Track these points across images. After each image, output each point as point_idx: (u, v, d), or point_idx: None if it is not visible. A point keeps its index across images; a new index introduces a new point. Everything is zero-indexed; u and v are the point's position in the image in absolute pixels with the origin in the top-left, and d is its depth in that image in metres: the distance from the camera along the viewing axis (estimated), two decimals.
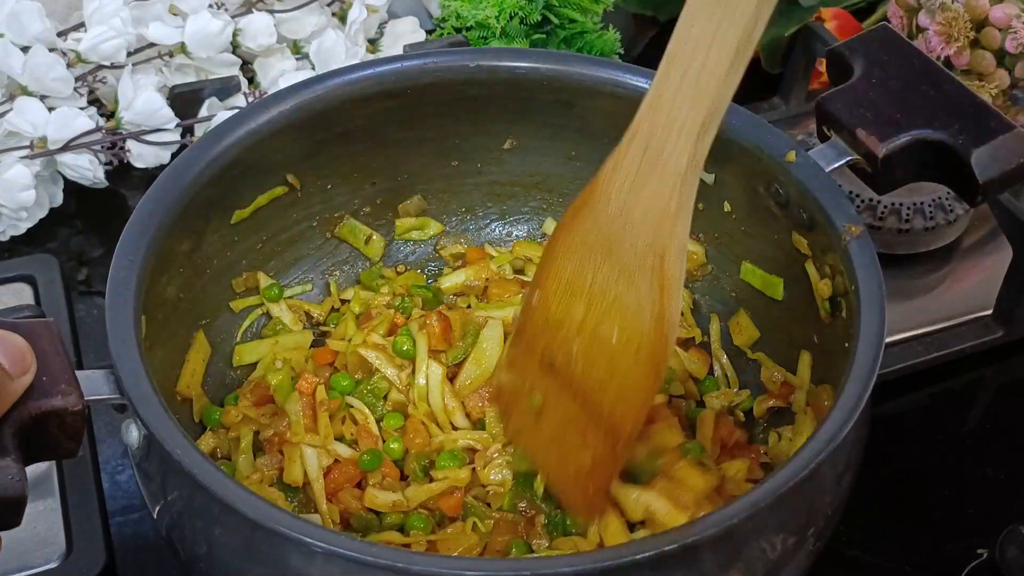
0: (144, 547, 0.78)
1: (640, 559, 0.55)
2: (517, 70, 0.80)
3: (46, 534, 0.73)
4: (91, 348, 0.86)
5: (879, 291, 0.66)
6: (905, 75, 0.73)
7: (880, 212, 0.93)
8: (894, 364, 0.88)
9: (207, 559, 0.60)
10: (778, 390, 0.77)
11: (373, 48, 1.10)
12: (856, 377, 0.62)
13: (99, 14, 0.98)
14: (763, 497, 0.57)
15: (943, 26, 0.95)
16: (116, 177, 1.01)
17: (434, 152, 0.85)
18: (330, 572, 0.56)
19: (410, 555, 0.57)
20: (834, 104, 0.73)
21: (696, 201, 0.81)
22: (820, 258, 0.73)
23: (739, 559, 0.58)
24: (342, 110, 0.79)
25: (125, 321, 0.63)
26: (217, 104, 1.01)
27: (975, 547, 0.79)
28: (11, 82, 0.97)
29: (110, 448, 0.83)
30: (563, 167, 0.86)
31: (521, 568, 0.55)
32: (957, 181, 0.71)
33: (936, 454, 0.86)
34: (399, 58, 0.82)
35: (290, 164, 0.80)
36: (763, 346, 0.81)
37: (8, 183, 0.93)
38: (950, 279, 0.96)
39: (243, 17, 1.03)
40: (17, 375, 0.54)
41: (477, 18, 1.08)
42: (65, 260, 0.95)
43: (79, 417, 0.57)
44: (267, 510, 0.56)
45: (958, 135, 0.70)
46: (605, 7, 1.11)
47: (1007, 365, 0.92)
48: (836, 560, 0.78)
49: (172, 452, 0.58)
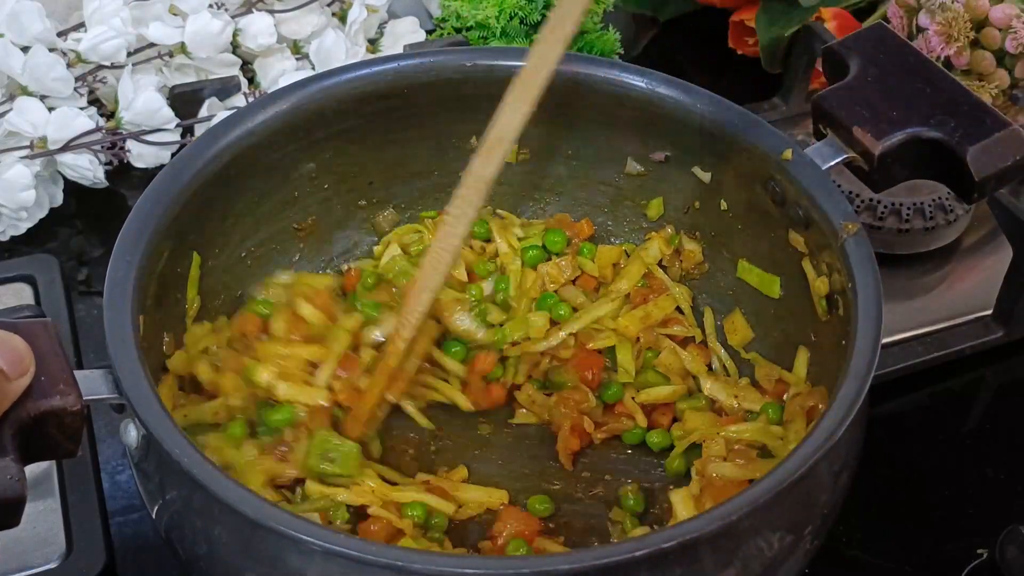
0: (144, 547, 0.78)
1: (639, 556, 0.55)
2: (516, 70, 0.80)
3: (46, 534, 0.73)
4: (91, 348, 0.86)
5: (876, 288, 0.66)
6: (901, 73, 0.73)
7: (880, 212, 0.93)
8: (894, 364, 0.88)
9: (206, 558, 0.60)
10: (773, 388, 0.77)
11: (373, 48, 1.11)
12: (853, 375, 0.62)
13: (99, 14, 0.98)
14: (760, 495, 0.57)
15: (943, 26, 0.95)
16: (116, 177, 1.01)
17: (433, 152, 0.86)
18: (329, 571, 0.56)
19: (409, 554, 0.57)
20: (830, 102, 0.73)
21: (693, 199, 0.82)
22: (817, 256, 0.73)
23: (736, 557, 0.58)
24: (341, 110, 0.80)
25: (123, 321, 0.63)
26: (217, 104, 1.01)
27: (975, 547, 0.79)
28: (11, 82, 0.97)
29: (110, 448, 0.83)
30: (562, 167, 0.86)
31: (520, 566, 0.55)
32: (953, 179, 0.71)
33: (936, 454, 0.86)
34: (398, 57, 0.82)
35: (288, 163, 0.80)
36: (759, 344, 0.81)
37: (8, 183, 0.93)
38: (950, 279, 0.96)
39: (243, 17, 1.03)
40: (16, 376, 0.55)
41: (477, 18, 1.08)
42: (65, 260, 0.95)
43: (78, 417, 0.57)
44: (266, 509, 0.56)
45: (954, 132, 0.70)
46: (605, 7, 1.11)
47: (1007, 365, 0.92)
48: (836, 560, 0.78)
49: (171, 452, 0.58)
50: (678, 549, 0.55)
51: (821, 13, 1.09)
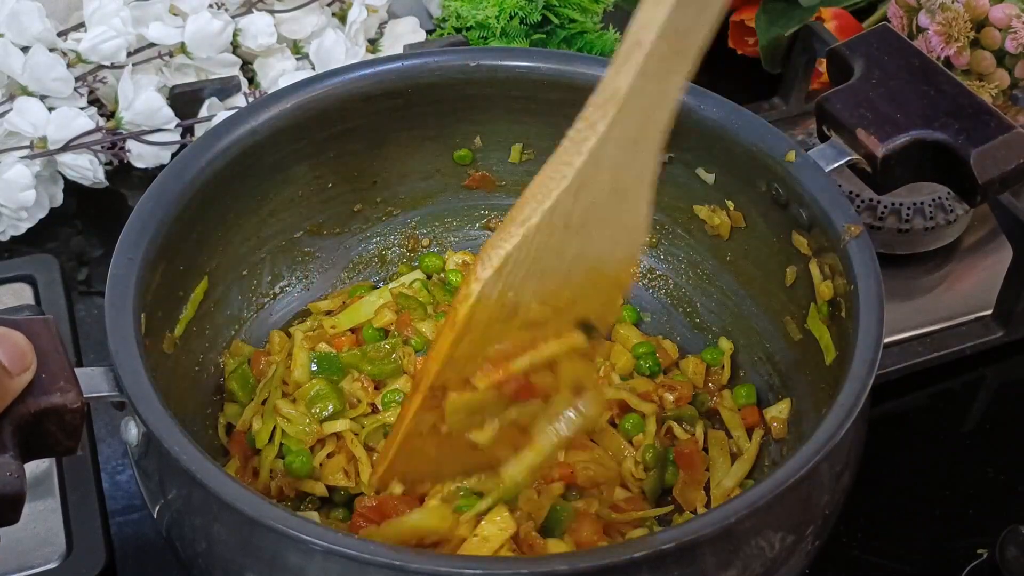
0: (144, 547, 0.78)
1: (638, 558, 0.55)
2: (517, 70, 0.80)
3: (46, 534, 0.73)
4: (91, 348, 0.86)
5: (878, 290, 0.66)
6: (905, 75, 0.73)
7: (880, 212, 0.93)
8: (894, 364, 0.88)
9: (206, 556, 0.60)
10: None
11: (373, 48, 1.11)
12: (854, 376, 0.62)
13: (99, 14, 0.98)
14: (761, 496, 0.57)
15: (943, 26, 0.95)
16: (116, 177, 1.01)
17: (434, 152, 0.86)
18: (329, 570, 0.56)
19: (408, 553, 0.57)
20: (834, 104, 0.73)
21: (696, 202, 0.82)
22: (820, 258, 0.73)
23: (737, 558, 0.58)
24: (342, 110, 0.80)
25: (125, 319, 0.63)
26: (217, 104, 1.01)
27: (975, 547, 0.79)
28: (11, 82, 0.97)
29: (110, 448, 0.83)
30: None
31: (520, 567, 0.55)
32: (957, 181, 0.71)
33: (936, 454, 0.86)
34: (399, 58, 0.82)
35: (290, 163, 0.80)
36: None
37: (8, 183, 0.93)
38: (950, 279, 0.96)
39: (243, 17, 1.03)
40: (17, 373, 0.55)
41: (477, 18, 1.08)
42: (65, 260, 0.95)
43: (78, 415, 0.57)
44: (266, 508, 0.56)
45: (958, 135, 0.70)
46: (605, 7, 1.11)
47: (1007, 365, 0.92)
48: (836, 560, 0.78)
49: (171, 449, 0.58)
50: (678, 550, 0.55)
51: (821, 13, 1.10)
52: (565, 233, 0.58)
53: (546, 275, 0.59)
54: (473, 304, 0.58)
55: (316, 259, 0.86)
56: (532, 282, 0.59)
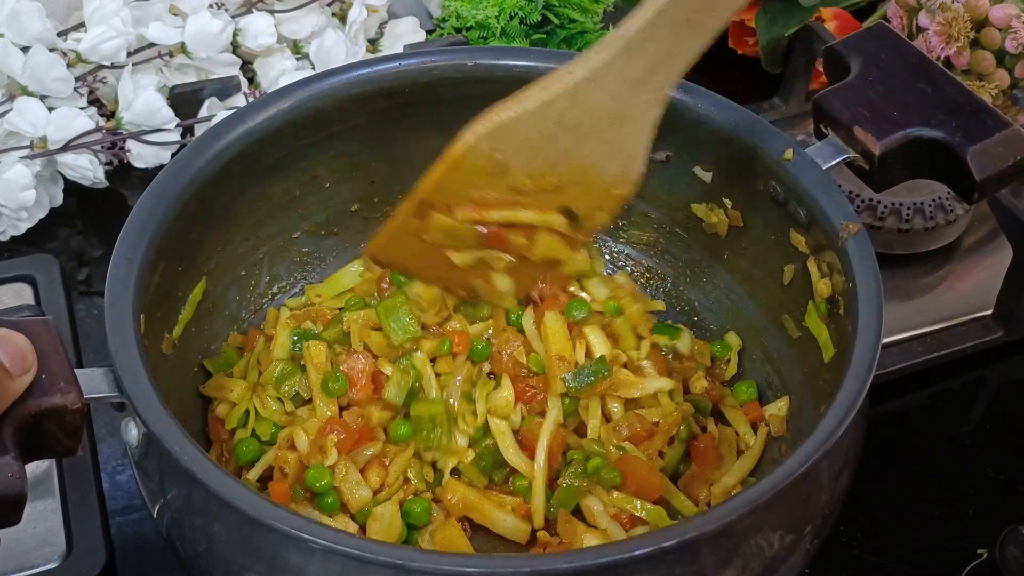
0: (144, 547, 0.78)
1: (638, 555, 0.55)
2: (516, 69, 0.80)
3: (46, 534, 0.73)
4: (91, 348, 0.86)
5: (877, 288, 0.66)
6: (902, 73, 0.73)
7: (880, 212, 0.93)
8: (894, 364, 0.88)
9: (206, 556, 0.60)
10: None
11: (373, 48, 1.11)
12: (854, 373, 0.62)
13: (99, 14, 0.98)
14: (760, 494, 0.57)
15: (943, 26, 0.95)
16: (116, 177, 1.02)
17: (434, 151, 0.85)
18: (329, 569, 0.56)
19: (408, 552, 0.57)
20: (831, 102, 0.73)
21: (694, 200, 0.82)
22: (818, 256, 0.73)
23: (737, 556, 0.58)
24: (341, 109, 0.80)
25: (125, 319, 0.63)
26: (217, 104, 1.01)
27: (975, 547, 0.79)
28: (11, 82, 0.97)
29: (110, 448, 0.83)
30: None
31: (520, 566, 0.55)
32: (954, 179, 0.71)
33: (936, 454, 0.86)
34: (399, 57, 0.82)
35: (288, 163, 0.80)
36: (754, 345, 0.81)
37: (8, 183, 0.93)
38: (950, 279, 0.96)
39: (243, 17, 1.03)
40: (18, 374, 0.55)
41: (477, 18, 1.08)
42: (65, 260, 0.95)
43: (78, 415, 0.57)
44: (266, 507, 0.56)
45: (955, 133, 0.70)
46: (605, 7, 1.12)
47: (1007, 365, 0.92)
48: (836, 560, 0.78)
49: (171, 449, 0.58)
50: (678, 548, 0.55)
51: (821, 13, 1.10)
52: (557, 127, 0.69)
53: (535, 154, 0.70)
54: (465, 150, 0.69)
55: (314, 259, 0.86)
56: (522, 156, 0.70)
